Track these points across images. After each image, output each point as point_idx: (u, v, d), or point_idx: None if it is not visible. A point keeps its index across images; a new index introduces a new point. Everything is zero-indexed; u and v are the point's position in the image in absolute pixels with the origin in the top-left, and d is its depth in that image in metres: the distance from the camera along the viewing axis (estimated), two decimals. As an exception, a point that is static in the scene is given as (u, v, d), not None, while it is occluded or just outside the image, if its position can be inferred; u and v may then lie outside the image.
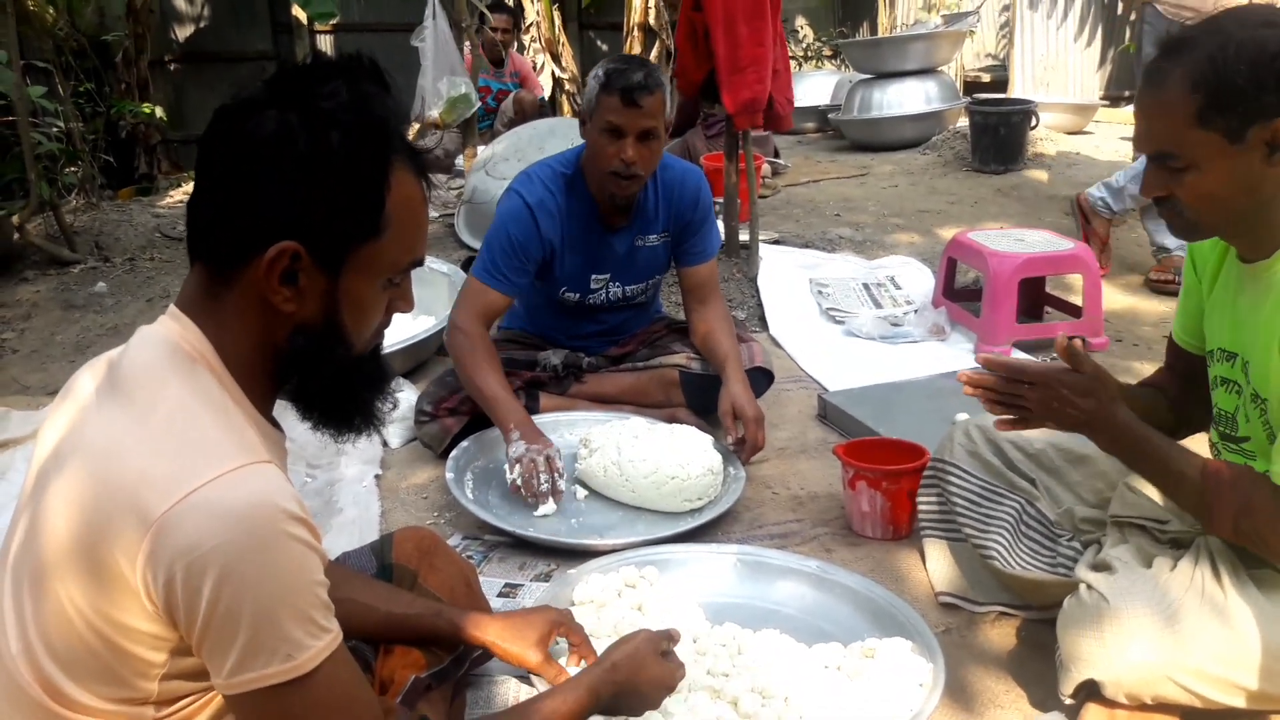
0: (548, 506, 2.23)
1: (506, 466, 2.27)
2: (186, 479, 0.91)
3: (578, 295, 2.66)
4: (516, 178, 2.61)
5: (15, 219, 4.36)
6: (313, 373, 1.07)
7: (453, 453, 2.42)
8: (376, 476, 2.51)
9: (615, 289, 2.69)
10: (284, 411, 1.13)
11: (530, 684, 1.57)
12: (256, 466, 0.94)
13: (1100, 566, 1.57)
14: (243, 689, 0.93)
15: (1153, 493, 1.72)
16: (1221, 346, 1.60)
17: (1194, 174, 1.44)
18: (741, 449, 2.40)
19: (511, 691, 1.65)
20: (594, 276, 2.63)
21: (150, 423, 0.95)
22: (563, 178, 2.55)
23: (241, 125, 0.99)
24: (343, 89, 1.01)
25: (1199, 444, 1.70)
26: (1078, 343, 1.56)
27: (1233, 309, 1.57)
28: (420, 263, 1.11)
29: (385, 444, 2.71)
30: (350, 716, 0.99)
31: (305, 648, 0.94)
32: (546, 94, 8.16)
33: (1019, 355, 3.23)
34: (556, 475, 2.24)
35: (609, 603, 1.78)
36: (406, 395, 2.78)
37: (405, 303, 1.13)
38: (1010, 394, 1.57)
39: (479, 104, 5.36)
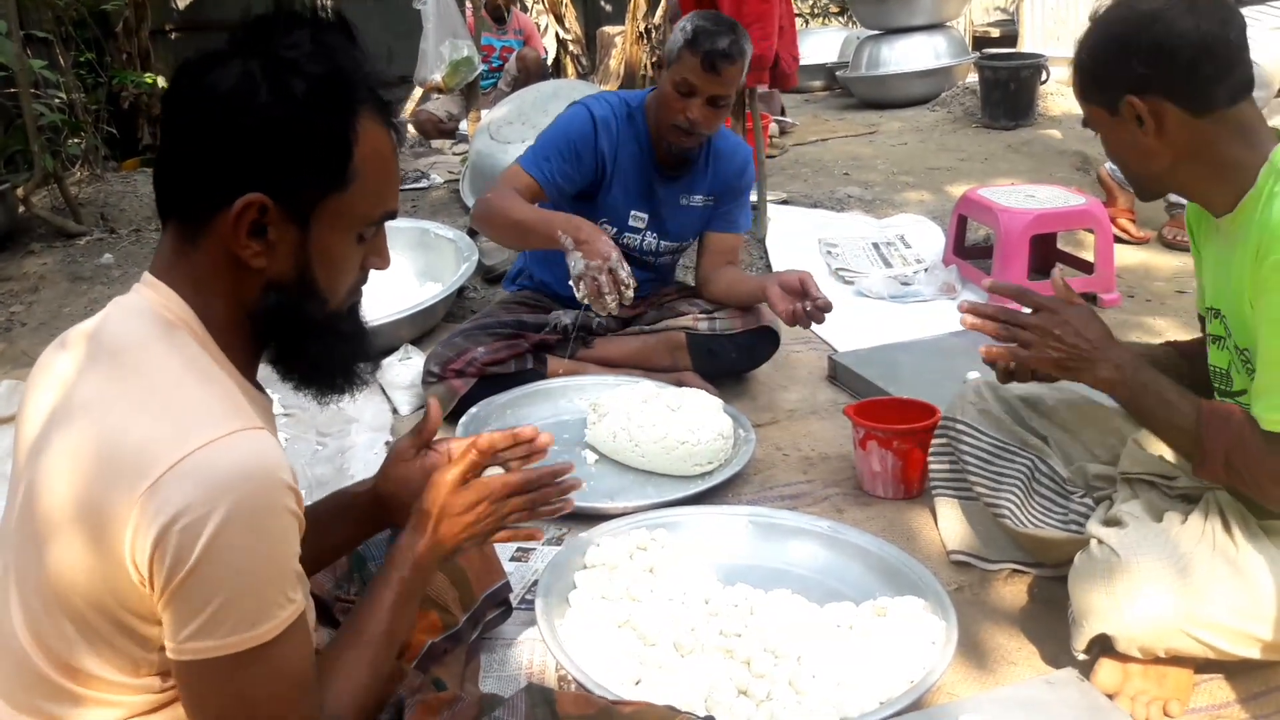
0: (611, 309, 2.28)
1: (571, 282, 2.28)
2: (178, 444, 0.89)
3: (615, 230, 2.66)
4: (582, 97, 2.65)
5: (20, 191, 4.35)
6: (289, 331, 1.05)
7: (462, 419, 2.42)
8: (387, 443, 2.52)
9: (651, 238, 2.70)
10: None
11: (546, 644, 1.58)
12: (250, 432, 0.93)
13: (1111, 522, 1.57)
14: (196, 655, 0.92)
15: (1162, 448, 1.71)
16: (1210, 305, 1.61)
17: (1102, 141, 1.59)
18: (813, 312, 2.36)
19: (526, 654, 1.67)
20: (634, 213, 2.66)
21: (138, 389, 0.95)
22: (626, 105, 2.61)
23: (205, 78, 0.98)
24: (306, 39, 1.00)
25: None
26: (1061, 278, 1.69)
27: (1212, 265, 1.60)
28: (393, 215, 1.09)
29: (395, 411, 2.72)
30: (293, 687, 0.98)
31: (271, 617, 0.93)
32: (551, 56, 8.09)
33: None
34: (622, 284, 2.25)
35: (621, 565, 1.78)
36: (415, 362, 2.78)
37: (380, 259, 1.11)
38: (1013, 323, 1.61)
39: (482, 67, 5.31)
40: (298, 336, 1.06)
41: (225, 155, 0.97)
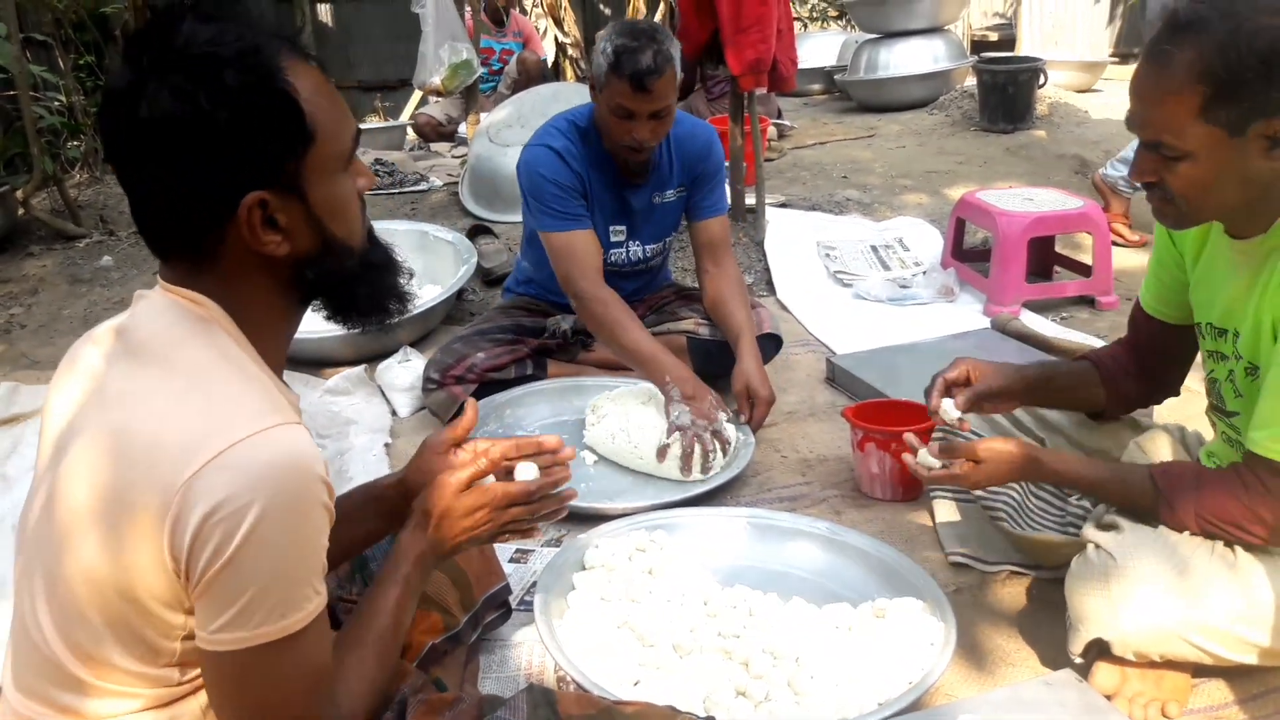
0: (697, 475, 2.22)
1: (667, 434, 2.24)
2: (218, 437, 0.90)
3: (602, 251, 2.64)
4: (532, 136, 2.59)
5: (19, 194, 4.35)
6: (335, 291, 1.08)
7: (462, 421, 2.42)
8: (386, 445, 2.52)
9: (635, 248, 2.68)
10: (293, 379, 1.13)
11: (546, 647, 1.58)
12: (289, 427, 0.95)
13: (1108, 526, 1.56)
14: (228, 646, 0.93)
15: (1160, 452, 1.71)
16: (1211, 322, 1.59)
17: (1189, 163, 1.38)
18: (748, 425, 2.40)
19: (525, 655, 1.67)
20: (613, 228, 2.63)
21: (174, 382, 0.95)
22: (576, 129, 2.53)
23: (133, 114, 0.95)
24: (195, 28, 0.97)
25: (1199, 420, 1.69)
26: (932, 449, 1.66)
27: (1224, 285, 1.54)
28: (358, 134, 1.10)
29: (394, 413, 2.72)
30: (317, 678, 1.00)
31: (300, 609, 0.95)
32: (550, 59, 8.08)
33: (1028, 316, 3.21)
34: (714, 451, 2.23)
35: (619, 567, 1.78)
36: (415, 364, 2.79)
37: (365, 178, 1.12)
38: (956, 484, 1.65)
39: (481, 70, 5.31)
40: (343, 288, 1.09)
41: (200, 177, 0.96)
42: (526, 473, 1.30)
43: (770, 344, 2.69)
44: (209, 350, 0.98)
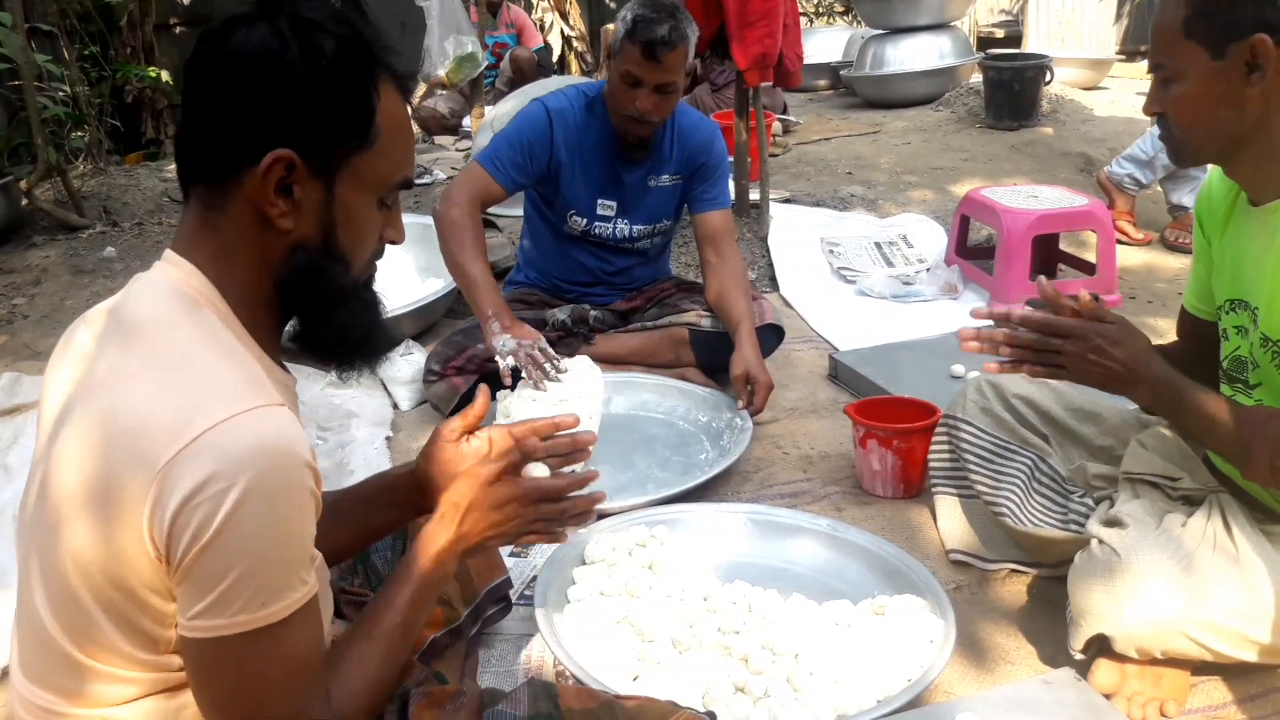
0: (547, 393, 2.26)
1: (497, 357, 2.31)
2: (199, 419, 0.89)
3: (585, 221, 2.68)
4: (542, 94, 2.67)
5: (23, 184, 4.36)
6: (313, 295, 1.05)
7: (462, 415, 2.42)
8: (387, 438, 2.52)
9: (622, 225, 2.70)
10: (295, 372, 1.12)
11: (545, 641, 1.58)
12: (271, 409, 0.93)
13: (1112, 522, 1.56)
14: (205, 634, 0.92)
15: (1164, 450, 1.71)
16: (1229, 297, 1.59)
17: (1179, 85, 1.46)
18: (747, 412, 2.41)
19: (524, 649, 1.67)
20: (601, 201, 2.66)
21: (159, 365, 0.94)
22: (584, 96, 2.61)
23: (229, 40, 0.98)
24: (325, 6, 1.01)
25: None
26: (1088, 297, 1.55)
27: (1245, 257, 1.55)
28: (410, 183, 1.11)
29: (396, 406, 2.72)
30: (300, 672, 0.98)
31: (283, 598, 0.93)
32: (556, 53, 8.07)
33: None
34: (552, 362, 2.29)
35: (620, 562, 1.78)
36: (416, 357, 2.79)
37: (396, 230, 1.12)
38: (1046, 350, 1.52)
39: (487, 59, 5.31)
40: (321, 301, 1.06)
41: (253, 112, 0.97)
42: (536, 472, 1.24)
43: (772, 335, 2.70)
44: (196, 330, 0.97)
